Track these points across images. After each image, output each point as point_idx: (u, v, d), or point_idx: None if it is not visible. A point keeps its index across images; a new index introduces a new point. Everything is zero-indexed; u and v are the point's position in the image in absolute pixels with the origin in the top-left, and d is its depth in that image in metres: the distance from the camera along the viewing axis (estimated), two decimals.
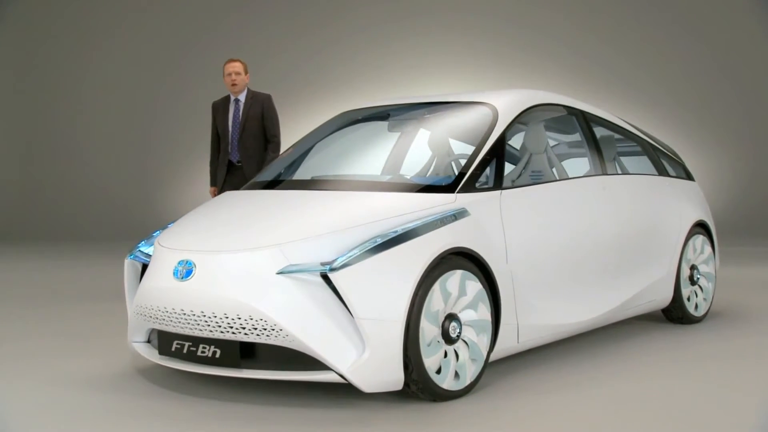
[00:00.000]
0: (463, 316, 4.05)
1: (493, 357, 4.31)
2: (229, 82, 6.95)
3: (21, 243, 12.66)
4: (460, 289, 4.02)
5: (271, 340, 3.75)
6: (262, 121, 6.93)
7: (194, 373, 4.16)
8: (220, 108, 7.11)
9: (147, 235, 4.68)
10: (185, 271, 3.94)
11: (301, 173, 4.96)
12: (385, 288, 3.76)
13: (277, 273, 3.77)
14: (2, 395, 4.16)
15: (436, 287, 3.90)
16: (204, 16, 13.98)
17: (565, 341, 5.15)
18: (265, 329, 3.74)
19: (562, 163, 5.88)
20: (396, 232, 3.88)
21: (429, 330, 3.86)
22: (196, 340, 3.95)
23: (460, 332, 4.02)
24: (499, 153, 4.54)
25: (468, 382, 4.06)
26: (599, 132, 5.86)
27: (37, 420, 3.77)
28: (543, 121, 5.38)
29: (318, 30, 13.58)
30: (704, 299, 5.98)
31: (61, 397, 4.12)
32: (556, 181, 4.94)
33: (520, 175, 5.36)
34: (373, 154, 5.24)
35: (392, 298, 3.75)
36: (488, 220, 4.30)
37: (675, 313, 5.79)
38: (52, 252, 11.34)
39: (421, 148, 5.50)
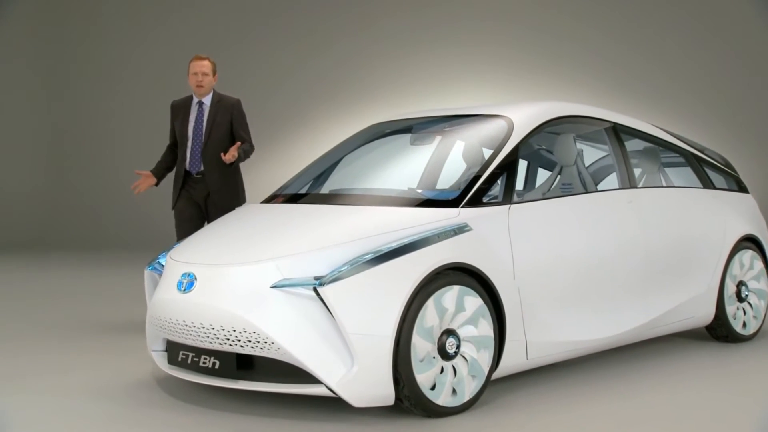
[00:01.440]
0: (462, 331, 4.02)
1: (500, 373, 4.27)
2: (194, 82, 6.12)
3: (51, 251, 12.62)
4: (457, 305, 3.99)
5: (265, 353, 3.82)
6: (230, 129, 6.11)
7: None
8: (180, 110, 6.24)
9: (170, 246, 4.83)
10: (187, 283, 4.05)
11: (325, 186, 5.01)
12: (374, 303, 3.77)
13: (271, 287, 3.84)
14: (16, 403, 4.34)
15: (430, 303, 3.88)
16: (227, 29, 13.94)
17: (587, 357, 5.03)
18: (258, 342, 3.81)
19: (609, 175, 5.79)
20: (389, 247, 3.89)
21: (422, 346, 3.86)
22: (199, 351, 4.06)
23: (458, 348, 3.99)
24: (510, 167, 4.49)
25: (467, 398, 4.03)
26: (639, 144, 5.72)
27: (45, 428, 3.93)
28: (573, 134, 5.28)
29: (341, 41, 13.46)
30: (754, 317, 5.74)
31: (72, 405, 4.26)
32: (572, 195, 4.84)
33: (550, 188, 5.30)
34: (396, 167, 5.25)
35: (381, 313, 3.76)
36: (494, 235, 4.26)
37: (719, 331, 5.58)
38: (81, 260, 11.37)
39: (456, 160, 5.50)
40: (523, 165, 6.28)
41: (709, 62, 12.15)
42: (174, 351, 4.22)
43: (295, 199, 4.78)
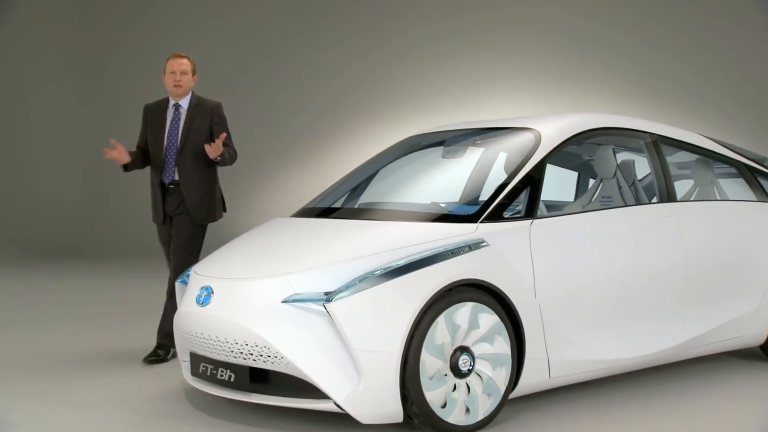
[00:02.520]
0: (477, 349, 3.97)
1: (521, 392, 4.19)
2: (171, 82, 5.51)
3: (86, 259, 12.51)
4: (470, 322, 3.94)
5: (276, 367, 3.85)
6: (209, 135, 5.48)
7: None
8: (154, 113, 5.63)
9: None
10: (205, 296, 4.12)
11: (356, 200, 5.01)
12: (382, 320, 3.76)
13: (282, 302, 3.87)
14: (38, 413, 4.47)
15: (441, 319, 3.84)
16: (260, 41, 13.87)
17: (619, 376, 4.88)
18: (269, 356, 3.85)
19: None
20: (399, 263, 3.87)
21: (431, 363, 3.82)
22: (216, 364, 4.12)
23: (473, 366, 3.94)
24: (534, 181, 4.40)
25: (481, 416, 3.97)
26: (688, 156, 5.54)
27: None
28: (612, 145, 5.16)
29: (374, 49, 13.29)
30: None
31: (92, 415, 4.36)
32: (605, 209, 4.71)
33: (591, 201, 5.19)
34: (428, 181, 5.20)
35: (388, 329, 3.74)
36: (514, 251, 4.18)
37: None
38: (119, 268, 11.31)
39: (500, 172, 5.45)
40: (573, 177, 6.19)
41: (760, 71, 11.61)
42: (196, 363, 4.29)
43: (321, 213, 4.79)
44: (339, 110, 13.31)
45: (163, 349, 5.52)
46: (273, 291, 3.91)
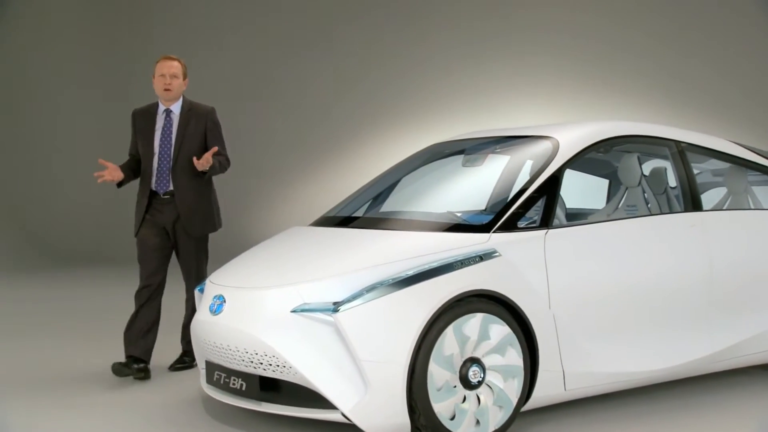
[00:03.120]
0: (488, 360, 3.92)
1: (535, 404, 4.13)
2: (161, 85, 5.28)
3: (112, 265, 12.10)
4: (480, 333, 3.90)
5: (285, 376, 3.86)
6: (203, 142, 5.29)
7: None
8: (144, 119, 5.37)
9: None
10: (218, 305, 4.15)
11: (375, 210, 4.99)
12: (389, 330, 3.74)
13: (291, 311, 3.87)
14: (59, 418, 4.55)
15: (449, 330, 3.81)
16: (284, 46, 13.80)
17: (639, 389, 4.77)
18: (278, 365, 3.85)
19: (706, 193, 5.51)
20: (407, 273, 3.85)
21: (439, 374, 3.79)
22: (229, 372, 4.14)
23: (483, 377, 3.90)
24: (550, 190, 4.35)
25: (491, 429, 3.92)
26: (718, 164, 5.42)
27: None
28: (637, 153, 5.07)
29: (398, 54, 13.16)
30: None
31: (106, 422, 4.43)
32: (625, 219, 4.63)
33: (615, 209, 5.11)
34: (447, 189, 5.16)
35: (395, 340, 3.72)
36: (528, 262, 4.13)
37: None
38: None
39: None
40: (603, 185, 6.09)
41: None
42: (211, 371, 4.32)
43: (338, 222, 4.79)
44: (362, 116, 13.21)
45: (189, 356, 5.53)
46: (282, 300, 3.92)
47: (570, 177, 5.63)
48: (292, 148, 13.44)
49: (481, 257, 4.00)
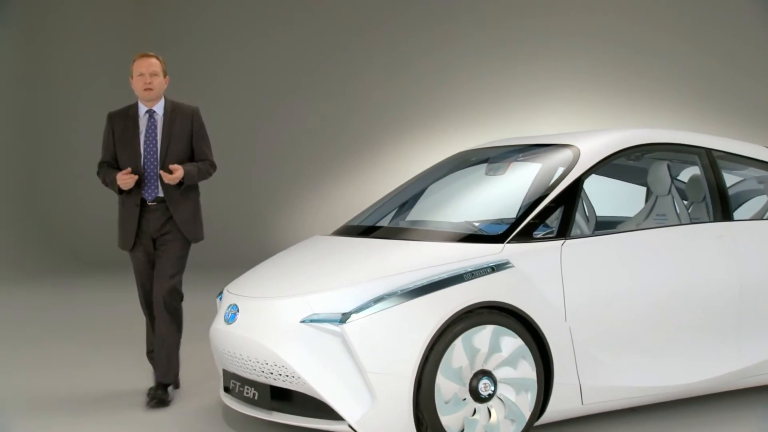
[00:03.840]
0: (499, 373, 3.87)
1: (550, 418, 4.06)
2: (140, 85, 4.92)
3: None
4: (491, 345, 3.84)
5: (294, 386, 3.86)
6: (189, 143, 4.98)
7: None
8: (121, 123, 4.99)
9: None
10: (231, 315, 4.18)
11: (398, 219, 4.96)
12: (396, 342, 3.71)
13: (300, 322, 3.87)
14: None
15: (458, 343, 3.77)
16: (312, 50, 13.72)
17: (663, 404, 4.64)
18: (287, 375, 3.86)
19: (749, 201, 5.37)
20: (416, 284, 3.82)
21: (447, 387, 3.74)
22: (243, 381, 4.17)
23: (494, 390, 3.84)
24: (569, 200, 4.26)
25: None
26: (753, 172, 5.26)
27: None
28: (667, 161, 4.95)
29: (423, 57, 12.99)
30: None
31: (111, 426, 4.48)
32: (649, 229, 4.52)
33: (646, 218, 5.00)
34: (469, 199, 5.11)
35: (401, 352, 3.70)
36: (542, 273, 4.06)
37: None
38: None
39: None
40: (640, 192, 5.95)
41: None
42: (227, 379, 4.36)
43: (358, 231, 4.77)
44: (388, 120, 13.13)
45: (161, 389, 4.93)
46: (292, 310, 3.92)
47: (603, 185, 5.57)
48: (316, 156, 13.42)
49: (493, 268, 3.95)
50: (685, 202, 5.07)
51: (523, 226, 4.15)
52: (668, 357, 4.34)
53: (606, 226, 5.23)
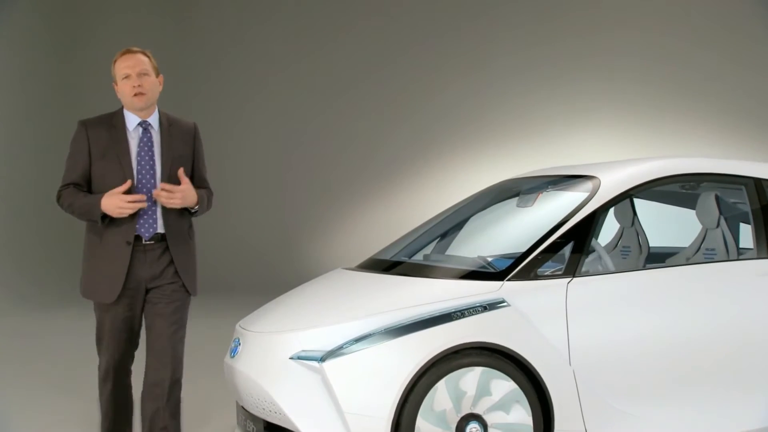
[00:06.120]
0: (490, 418, 3.69)
1: None
2: (128, 90, 3.92)
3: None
4: (479, 388, 3.67)
5: (283, 423, 3.83)
6: (192, 168, 4.08)
7: None
8: (102, 135, 3.94)
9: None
10: (234, 348, 4.20)
11: (420, 252, 4.86)
12: (375, 382, 3.62)
13: (289, 358, 3.84)
14: None
15: (441, 385, 3.62)
16: (338, 81, 13.53)
17: None
18: (276, 412, 3.84)
19: None
20: (401, 323, 3.71)
21: (429, 431, 3.60)
22: (246, 414, 4.18)
23: None
24: (580, 235, 4.03)
25: None
26: None
27: None
28: (715, 192, 4.60)
29: (457, 80, 12.58)
30: None
31: None
32: (663, 268, 4.21)
33: (695, 253, 4.68)
34: (494, 232, 4.91)
35: (380, 393, 3.60)
36: (544, 313, 3.85)
37: None
38: (211, 304, 9.39)
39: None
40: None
41: None
42: (238, 412, 4.38)
43: (380, 266, 4.67)
44: (426, 142, 12.92)
45: None
46: (284, 347, 3.89)
47: (655, 214, 5.26)
48: (354, 174, 13.32)
49: (486, 307, 3.78)
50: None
51: (527, 263, 3.96)
52: (693, 406, 4.01)
53: (658, 259, 4.92)
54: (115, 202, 3.82)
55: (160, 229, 3.98)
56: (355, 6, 13.57)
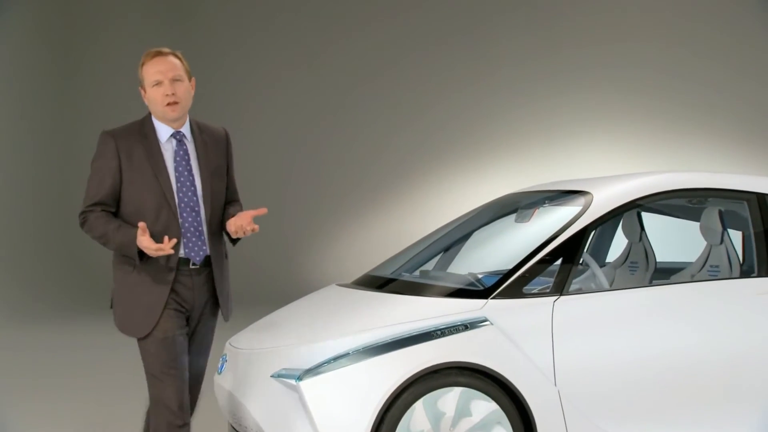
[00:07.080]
0: None
1: None
2: (160, 98, 3.51)
3: None
4: (458, 409, 3.60)
5: None
6: (225, 180, 3.73)
7: None
8: (137, 147, 3.50)
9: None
10: (220, 365, 4.19)
11: (416, 268, 4.80)
12: (351, 402, 3.57)
13: (270, 376, 3.82)
14: None
15: (418, 405, 3.56)
16: (340, 91, 13.44)
17: None
18: (257, 430, 3.81)
19: None
20: (379, 342, 3.66)
21: None
22: (234, 430, 4.17)
23: None
24: (568, 253, 3.94)
25: None
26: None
27: None
28: (720, 207, 4.47)
29: (460, 89, 12.40)
30: None
31: None
32: (664, 284, 4.09)
33: (699, 270, 4.55)
34: (491, 248, 4.83)
35: (355, 413, 3.55)
36: (528, 332, 3.77)
37: None
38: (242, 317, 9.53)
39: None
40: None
41: None
42: (229, 428, 4.37)
43: (374, 282, 4.61)
44: (426, 154, 12.83)
45: None
46: (266, 364, 3.87)
47: (662, 228, 5.13)
48: (355, 183, 13.27)
49: (467, 326, 3.71)
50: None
51: (513, 280, 3.88)
52: (686, 428, 3.88)
53: (665, 274, 4.80)
54: (147, 246, 3.35)
55: (208, 251, 3.61)
56: (354, 21, 13.64)
